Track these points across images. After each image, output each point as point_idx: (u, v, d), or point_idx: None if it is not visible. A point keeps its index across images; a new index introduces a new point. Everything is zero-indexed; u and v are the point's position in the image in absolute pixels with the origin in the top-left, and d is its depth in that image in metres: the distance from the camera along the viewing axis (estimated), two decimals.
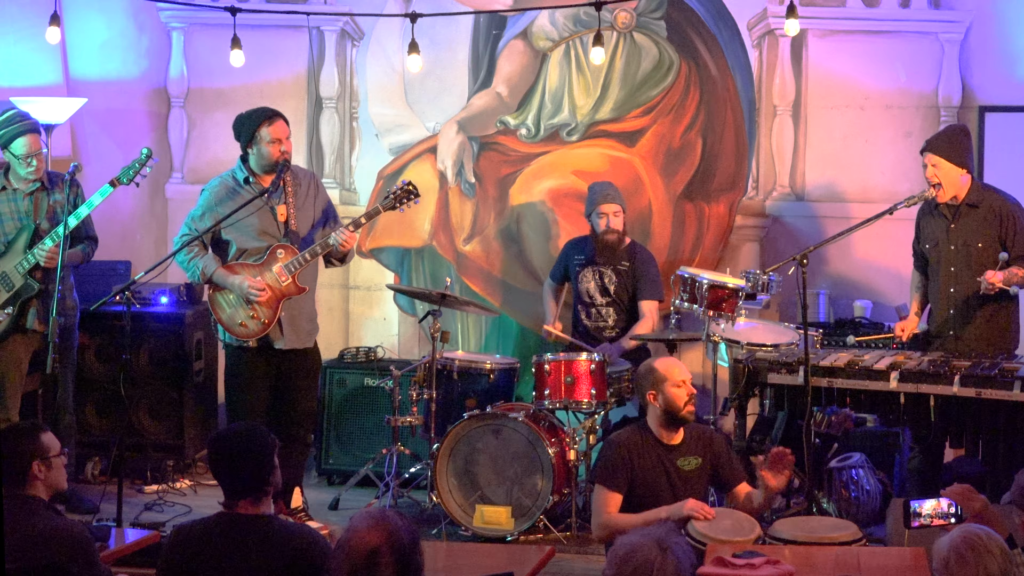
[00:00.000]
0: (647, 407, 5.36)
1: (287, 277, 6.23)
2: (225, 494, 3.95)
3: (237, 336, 6.29)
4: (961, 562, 3.39)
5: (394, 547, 3.24)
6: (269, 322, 6.25)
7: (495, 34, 7.83)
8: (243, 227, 6.26)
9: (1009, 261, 6.02)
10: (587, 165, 7.77)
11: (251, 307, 6.24)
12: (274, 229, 6.30)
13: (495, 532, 6.28)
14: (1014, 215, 6.17)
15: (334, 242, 6.21)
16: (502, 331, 7.91)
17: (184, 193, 7.50)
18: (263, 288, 6.20)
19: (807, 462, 5.80)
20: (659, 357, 5.54)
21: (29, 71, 7.73)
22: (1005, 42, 7.41)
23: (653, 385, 5.30)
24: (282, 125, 6.27)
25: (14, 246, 6.42)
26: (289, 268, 6.22)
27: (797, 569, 4.33)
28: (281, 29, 7.86)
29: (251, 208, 6.20)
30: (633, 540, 3.33)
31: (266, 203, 6.25)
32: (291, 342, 6.34)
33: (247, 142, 6.29)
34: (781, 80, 7.61)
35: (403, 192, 6.34)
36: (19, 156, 6.36)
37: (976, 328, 6.21)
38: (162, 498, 7.03)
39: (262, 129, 6.23)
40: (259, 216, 6.26)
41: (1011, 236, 6.14)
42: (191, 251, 6.26)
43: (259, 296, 6.19)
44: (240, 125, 6.33)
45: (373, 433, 7.24)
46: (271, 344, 6.30)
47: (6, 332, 6.41)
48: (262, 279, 6.22)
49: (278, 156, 6.22)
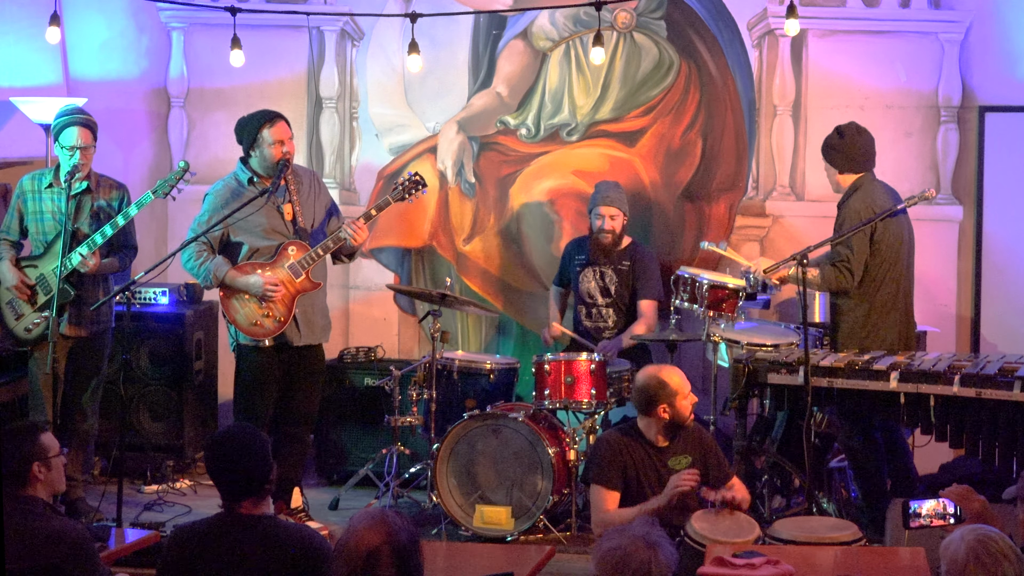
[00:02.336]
0: (650, 417, 5.38)
1: (301, 273, 6.23)
2: (224, 497, 3.95)
3: (254, 336, 6.26)
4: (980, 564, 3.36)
5: (394, 547, 3.24)
6: (285, 320, 6.25)
7: (495, 34, 7.83)
8: (252, 227, 6.25)
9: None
10: (587, 165, 7.77)
11: (266, 306, 6.23)
12: (282, 227, 6.30)
13: (495, 532, 6.28)
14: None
15: (346, 235, 6.23)
16: (502, 331, 7.91)
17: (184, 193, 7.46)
18: (277, 284, 6.20)
19: (807, 462, 5.80)
20: (663, 368, 5.51)
21: (29, 71, 7.73)
22: (1005, 42, 7.41)
23: (666, 399, 5.36)
24: (283, 126, 6.27)
25: (52, 249, 6.37)
26: (302, 264, 6.22)
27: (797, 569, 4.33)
28: (281, 29, 7.86)
29: (256, 207, 6.19)
30: (620, 543, 3.32)
31: (272, 202, 6.25)
32: (307, 338, 6.35)
33: (249, 145, 6.28)
34: (781, 80, 7.61)
35: (411, 183, 6.38)
36: (65, 147, 6.32)
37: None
38: (162, 498, 7.03)
39: (263, 131, 6.23)
40: (267, 215, 6.26)
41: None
42: (200, 255, 6.23)
43: (275, 292, 6.18)
44: (241, 128, 6.32)
45: (373, 433, 7.23)
46: (287, 343, 6.30)
47: (41, 337, 6.35)
48: (275, 276, 6.22)
49: (280, 157, 6.22)
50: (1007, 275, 7.44)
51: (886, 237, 6.29)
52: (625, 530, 3.38)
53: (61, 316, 6.23)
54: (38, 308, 6.38)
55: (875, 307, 6.33)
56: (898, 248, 6.33)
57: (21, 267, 6.43)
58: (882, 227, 6.27)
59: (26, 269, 6.43)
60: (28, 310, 6.39)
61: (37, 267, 6.41)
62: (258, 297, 6.20)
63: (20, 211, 6.47)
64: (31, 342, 6.39)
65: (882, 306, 6.34)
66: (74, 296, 6.32)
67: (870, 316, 6.34)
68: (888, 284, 6.32)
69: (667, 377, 5.37)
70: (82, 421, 6.53)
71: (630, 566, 3.27)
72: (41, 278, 6.39)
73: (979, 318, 7.46)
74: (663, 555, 3.30)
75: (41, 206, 6.43)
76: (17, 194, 6.49)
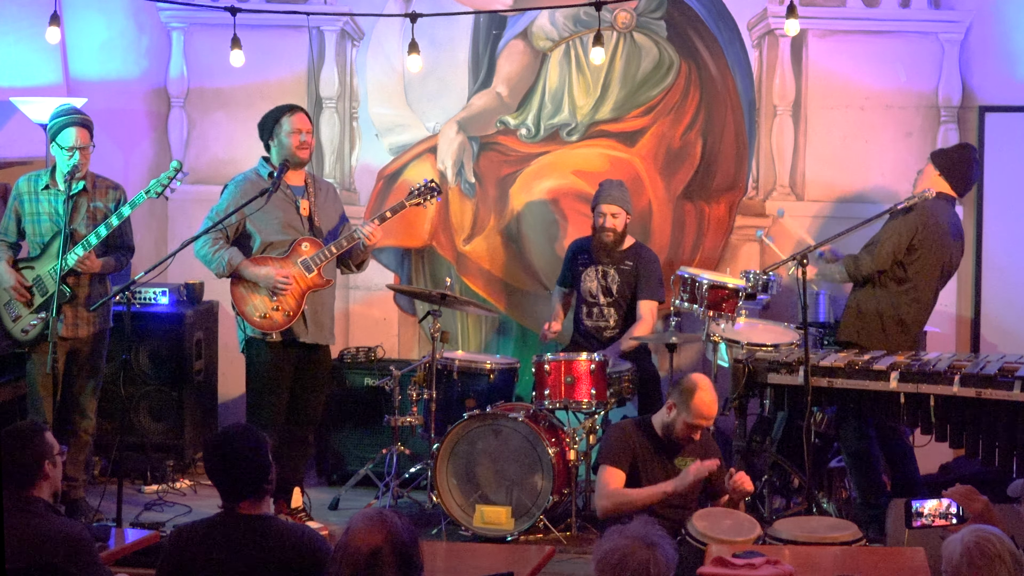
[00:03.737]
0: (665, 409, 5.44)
1: (313, 269, 6.25)
2: (223, 497, 3.95)
3: (261, 328, 6.28)
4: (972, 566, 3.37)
5: (395, 547, 3.24)
6: (293, 315, 6.27)
7: (495, 34, 7.83)
8: (268, 220, 6.28)
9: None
10: (587, 165, 7.76)
11: (275, 299, 6.25)
12: (298, 223, 6.33)
13: (495, 532, 6.28)
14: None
15: (359, 235, 6.27)
16: (502, 331, 7.90)
17: (184, 193, 7.48)
18: (289, 278, 6.21)
19: (807, 462, 5.80)
20: (708, 389, 5.44)
21: (29, 71, 7.72)
22: (1005, 42, 7.40)
23: (680, 404, 5.39)
24: (302, 117, 6.36)
25: (48, 250, 6.37)
26: (315, 260, 6.25)
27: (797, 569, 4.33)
28: (281, 29, 7.85)
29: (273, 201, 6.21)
30: (619, 544, 3.31)
31: (290, 197, 6.30)
32: (315, 336, 6.37)
33: (269, 135, 6.35)
34: (781, 80, 7.61)
35: (427, 188, 6.45)
36: (64, 147, 6.31)
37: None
38: (162, 498, 7.03)
39: (283, 120, 6.31)
40: (283, 210, 6.29)
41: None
42: (215, 244, 6.27)
43: (286, 286, 6.20)
44: (263, 122, 6.41)
45: (373, 433, 7.23)
46: (295, 339, 6.31)
47: (39, 338, 6.35)
48: (287, 270, 6.24)
49: (298, 146, 6.26)
50: (1007, 275, 7.44)
51: (925, 254, 6.34)
52: (624, 530, 3.37)
53: (59, 317, 6.23)
54: (35, 309, 6.37)
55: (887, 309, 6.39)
56: (932, 269, 6.39)
57: (18, 268, 6.43)
58: (927, 242, 6.33)
59: (23, 271, 6.42)
60: (25, 311, 6.39)
61: (34, 268, 6.41)
62: (269, 289, 6.22)
63: (17, 212, 6.46)
64: (28, 343, 6.39)
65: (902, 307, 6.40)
66: (71, 296, 6.32)
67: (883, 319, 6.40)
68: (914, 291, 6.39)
69: (699, 395, 5.38)
70: (81, 421, 6.53)
71: (629, 566, 3.27)
72: (38, 279, 6.39)
73: (979, 318, 7.46)
74: (662, 555, 3.30)
75: (38, 207, 6.42)
76: (14, 195, 6.48)
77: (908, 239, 6.32)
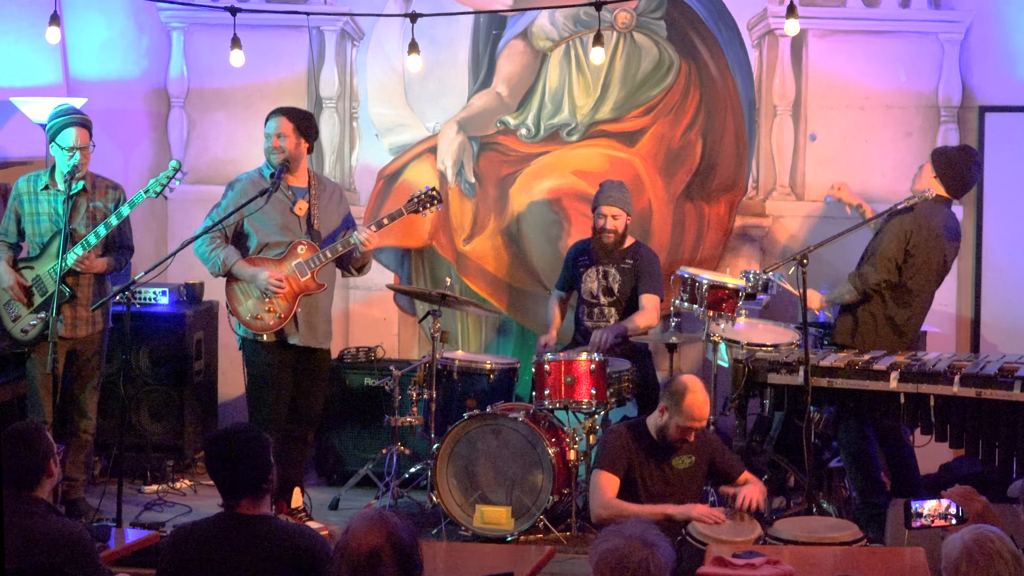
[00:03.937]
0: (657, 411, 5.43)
1: (307, 272, 6.25)
2: (223, 495, 3.95)
3: (252, 329, 6.29)
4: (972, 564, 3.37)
5: (395, 547, 3.24)
6: (285, 317, 6.27)
7: (495, 34, 7.83)
8: (266, 221, 6.28)
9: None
10: (587, 165, 7.76)
11: (268, 301, 6.25)
12: (296, 225, 6.33)
13: (495, 532, 6.28)
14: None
15: (355, 241, 6.26)
16: (502, 331, 7.91)
17: (184, 193, 7.49)
18: (282, 280, 6.22)
19: (807, 462, 5.80)
20: (699, 391, 5.45)
21: (29, 71, 7.72)
22: (1005, 42, 7.40)
23: (672, 407, 5.39)
24: (278, 121, 6.33)
25: (48, 250, 6.37)
26: (310, 263, 6.25)
27: (797, 569, 4.33)
28: (281, 29, 7.85)
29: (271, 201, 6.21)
30: (617, 544, 3.31)
31: (288, 199, 6.30)
32: (306, 339, 6.35)
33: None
34: (781, 80, 7.61)
35: (427, 197, 6.45)
36: (63, 147, 6.31)
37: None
38: (162, 498, 7.03)
39: (265, 125, 6.36)
40: (281, 211, 6.30)
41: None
42: (213, 242, 6.29)
43: (279, 288, 6.20)
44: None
45: (373, 433, 7.23)
46: (286, 340, 6.32)
47: (38, 338, 6.34)
48: (281, 273, 6.24)
49: (269, 149, 6.29)
50: (1007, 275, 7.44)
51: (921, 255, 6.34)
52: (622, 530, 3.37)
53: (58, 317, 6.22)
54: (34, 309, 6.37)
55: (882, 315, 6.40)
56: (928, 272, 6.38)
57: (18, 268, 6.43)
58: (922, 246, 6.32)
59: (22, 271, 6.42)
60: (24, 311, 6.39)
61: (33, 268, 6.41)
62: (261, 291, 6.22)
63: (17, 213, 6.46)
64: (28, 343, 6.39)
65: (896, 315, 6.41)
66: (71, 296, 6.31)
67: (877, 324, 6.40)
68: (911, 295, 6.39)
69: (691, 397, 5.38)
70: (81, 421, 6.53)
71: (628, 566, 3.27)
72: (37, 279, 6.39)
73: (979, 318, 7.46)
74: (660, 555, 3.30)
75: (38, 208, 6.42)
76: (13, 196, 6.48)
77: (904, 244, 6.32)
